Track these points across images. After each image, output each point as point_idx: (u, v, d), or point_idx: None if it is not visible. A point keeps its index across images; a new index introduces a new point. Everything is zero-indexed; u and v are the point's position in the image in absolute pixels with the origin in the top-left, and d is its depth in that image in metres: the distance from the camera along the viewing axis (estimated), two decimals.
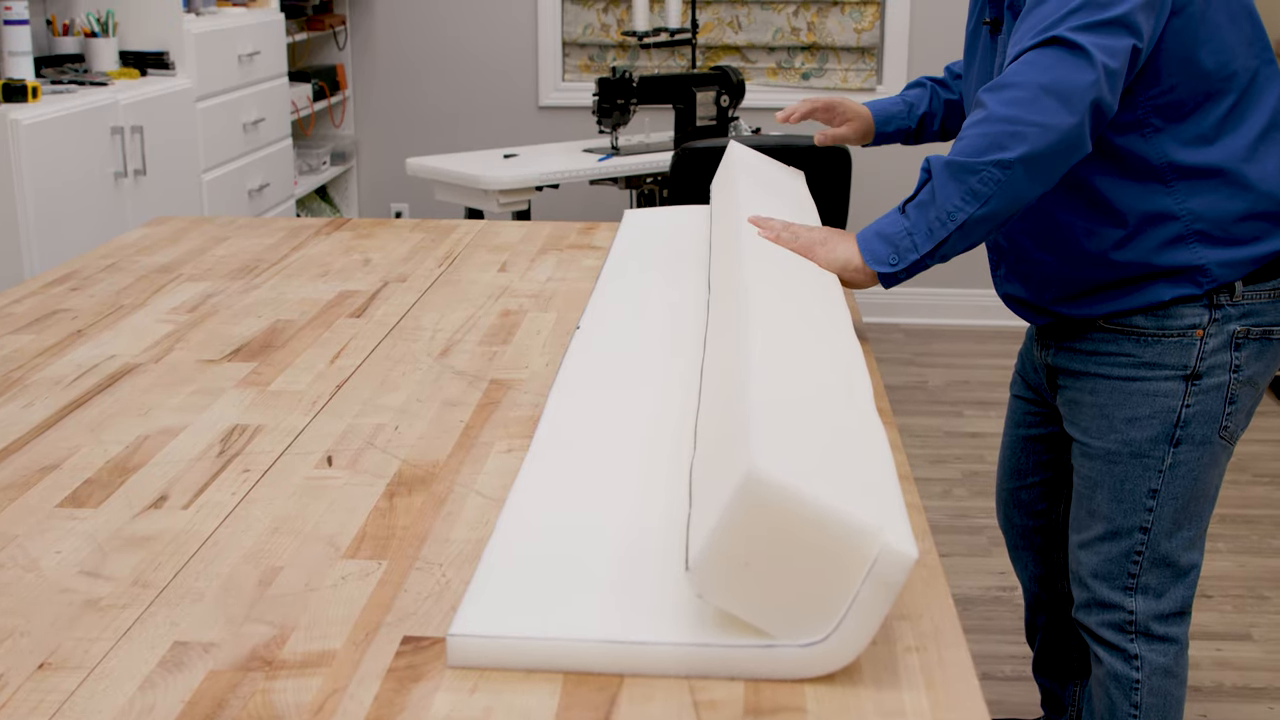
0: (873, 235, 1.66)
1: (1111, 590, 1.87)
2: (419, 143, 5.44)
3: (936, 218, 1.61)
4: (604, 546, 1.15)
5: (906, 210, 1.64)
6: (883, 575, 0.97)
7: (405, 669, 1.01)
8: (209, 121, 4.06)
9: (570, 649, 1.01)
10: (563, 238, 2.37)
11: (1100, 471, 1.85)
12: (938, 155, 1.62)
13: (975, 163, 1.58)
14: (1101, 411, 1.84)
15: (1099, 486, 1.85)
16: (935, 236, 1.61)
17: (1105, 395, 1.83)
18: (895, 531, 0.98)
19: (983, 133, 1.59)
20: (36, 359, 1.70)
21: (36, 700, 0.97)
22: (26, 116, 3.10)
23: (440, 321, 1.86)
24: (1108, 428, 1.83)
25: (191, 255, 2.23)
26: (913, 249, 1.63)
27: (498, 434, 1.46)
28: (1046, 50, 1.59)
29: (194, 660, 1.02)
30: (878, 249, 1.65)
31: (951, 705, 0.98)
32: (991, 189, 1.59)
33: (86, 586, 1.14)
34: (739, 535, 0.98)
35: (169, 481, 1.34)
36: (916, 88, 2.16)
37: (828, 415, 1.17)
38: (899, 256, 1.64)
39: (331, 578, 1.15)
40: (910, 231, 1.63)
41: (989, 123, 1.59)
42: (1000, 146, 1.58)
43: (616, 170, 4.43)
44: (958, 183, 1.59)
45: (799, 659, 0.99)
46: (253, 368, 1.67)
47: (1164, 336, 1.78)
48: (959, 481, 3.74)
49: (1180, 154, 1.72)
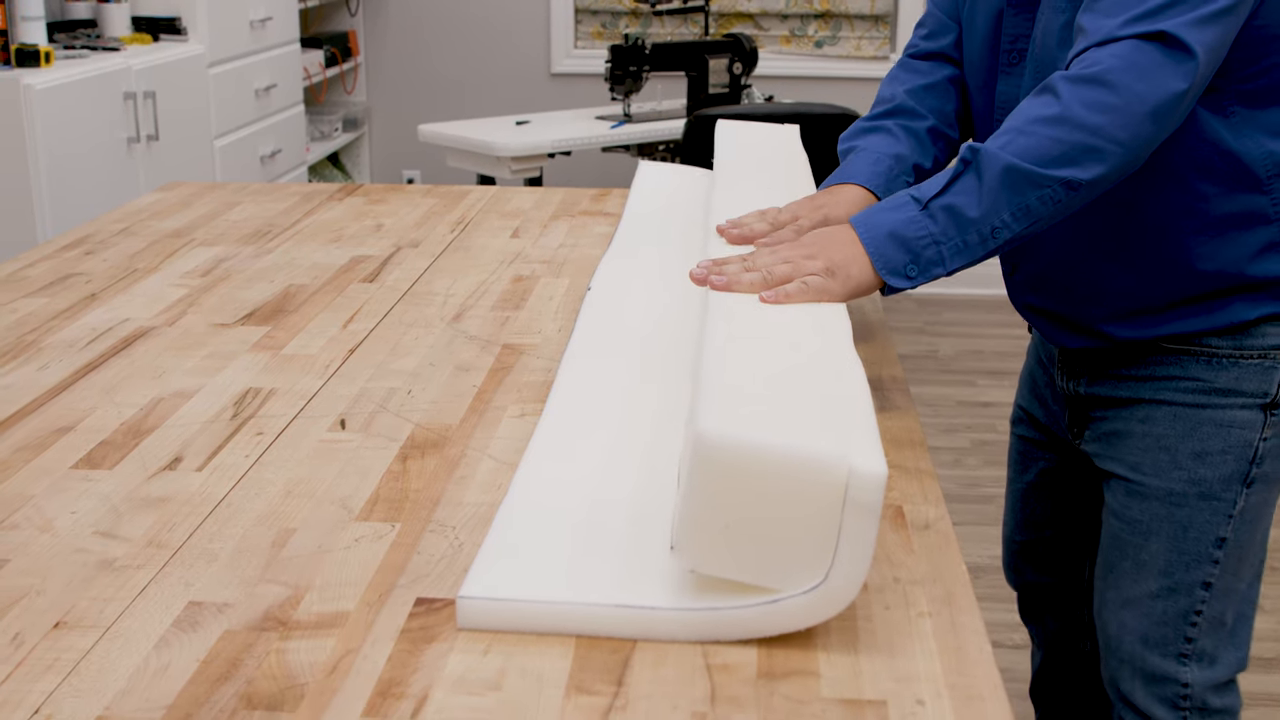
0: (885, 237, 1.31)
1: (1163, 659, 1.56)
2: (431, 109, 5.43)
3: (977, 232, 1.30)
4: (615, 511, 1.15)
5: (931, 209, 1.31)
6: (859, 500, 0.96)
7: (419, 630, 1.02)
8: (221, 87, 4.06)
9: (579, 612, 1.01)
10: (575, 204, 2.36)
11: (1157, 516, 1.54)
12: (988, 148, 1.32)
13: (1042, 175, 1.29)
14: (1160, 444, 1.53)
15: (1153, 534, 1.54)
16: (971, 252, 1.32)
17: (1165, 425, 1.53)
18: (860, 453, 0.98)
19: (1056, 138, 1.29)
20: (51, 322, 1.71)
21: (52, 659, 0.98)
22: (39, 82, 3.10)
23: (453, 287, 1.86)
24: (1170, 463, 1.52)
25: (204, 220, 2.23)
26: (939, 262, 1.31)
27: (510, 398, 1.46)
28: (1148, 47, 1.30)
29: (208, 620, 1.03)
30: (892, 255, 1.31)
31: (964, 670, 0.98)
32: (1049, 210, 1.31)
33: (101, 547, 1.14)
34: (707, 501, 0.98)
35: (183, 444, 1.35)
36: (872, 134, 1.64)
37: (791, 359, 1.16)
38: (919, 269, 1.31)
39: (345, 540, 1.15)
40: (937, 240, 1.31)
41: (1066, 126, 1.29)
42: (1073, 161, 1.29)
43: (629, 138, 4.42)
44: (1013, 194, 1.29)
45: (806, 605, 0.99)
46: (266, 332, 1.67)
47: (1241, 358, 1.50)
48: (970, 451, 3.74)
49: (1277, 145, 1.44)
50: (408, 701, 0.93)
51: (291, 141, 4.64)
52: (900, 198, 1.34)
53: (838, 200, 1.54)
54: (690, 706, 0.93)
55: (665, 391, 1.40)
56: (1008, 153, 1.30)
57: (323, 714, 0.91)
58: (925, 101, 1.67)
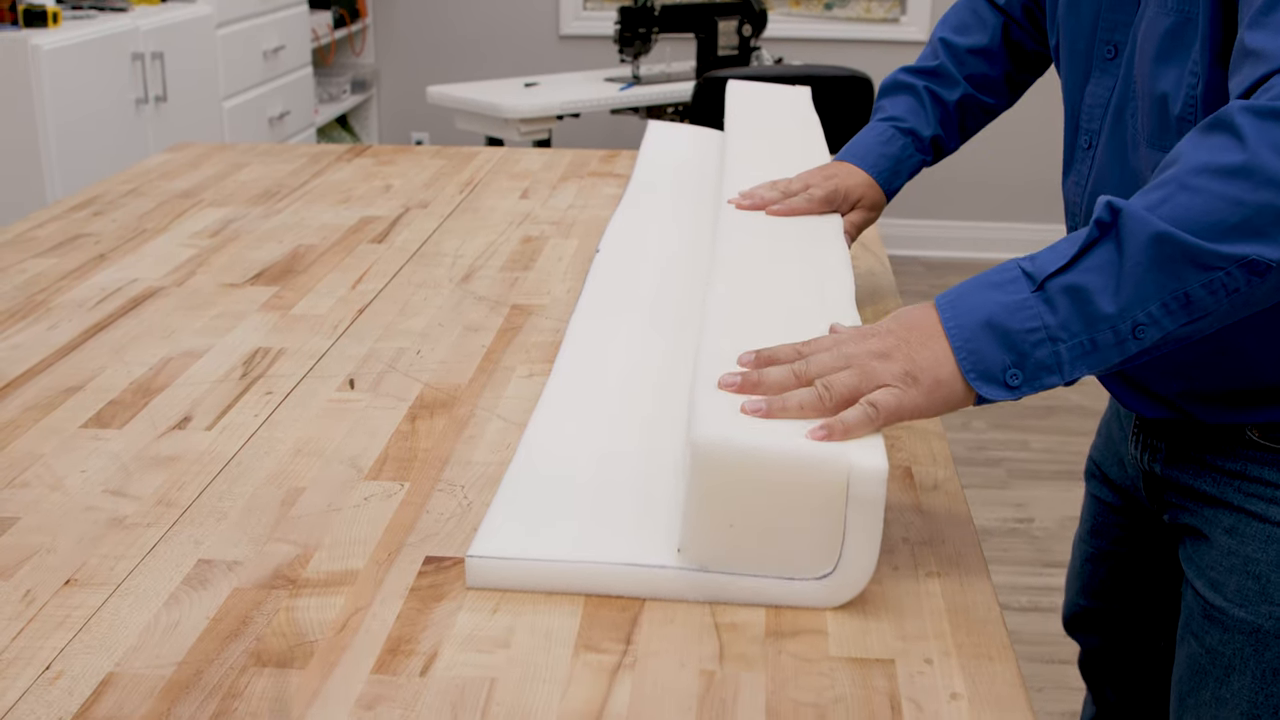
0: (980, 326, 0.97)
1: None
2: (439, 71, 5.41)
3: (1112, 329, 0.95)
4: (623, 472, 1.15)
5: (1049, 290, 0.96)
6: (861, 496, 0.96)
7: (428, 588, 1.02)
8: (229, 48, 4.05)
9: (588, 571, 1.01)
10: (584, 165, 2.36)
11: (1241, 652, 1.23)
12: (1134, 209, 0.95)
13: (1211, 252, 0.92)
14: (1248, 568, 1.21)
15: (1235, 670, 1.23)
16: (1103, 357, 0.96)
17: (1255, 545, 1.21)
18: (860, 449, 0.97)
19: (1235, 198, 0.92)
20: (60, 282, 1.71)
21: (63, 616, 0.98)
22: (47, 42, 3.09)
23: (461, 247, 1.86)
24: (1258, 594, 1.20)
25: (213, 181, 2.23)
26: (1053, 369, 0.97)
27: (519, 359, 1.46)
28: None
29: (218, 578, 1.03)
30: (988, 354, 0.97)
31: (972, 630, 0.98)
32: (1221, 302, 0.94)
33: (112, 505, 1.14)
34: (710, 505, 0.98)
35: (192, 403, 1.35)
36: (902, 93, 1.52)
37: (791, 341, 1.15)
38: (1024, 376, 0.97)
39: (354, 498, 1.16)
40: (1055, 336, 0.96)
41: (1254, 183, 0.92)
42: (1260, 234, 0.92)
43: (637, 100, 4.41)
44: (1167, 277, 0.93)
45: (817, 591, 1.00)
46: (275, 292, 1.67)
47: None
48: (977, 414, 3.73)
49: None
50: (417, 659, 0.93)
51: (300, 103, 4.63)
52: (1008, 268, 0.99)
53: (850, 171, 1.48)
54: (698, 664, 0.93)
55: (674, 353, 1.40)
56: (1161, 216, 0.94)
57: (332, 671, 0.92)
58: (967, 65, 1.52)
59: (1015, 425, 3.66)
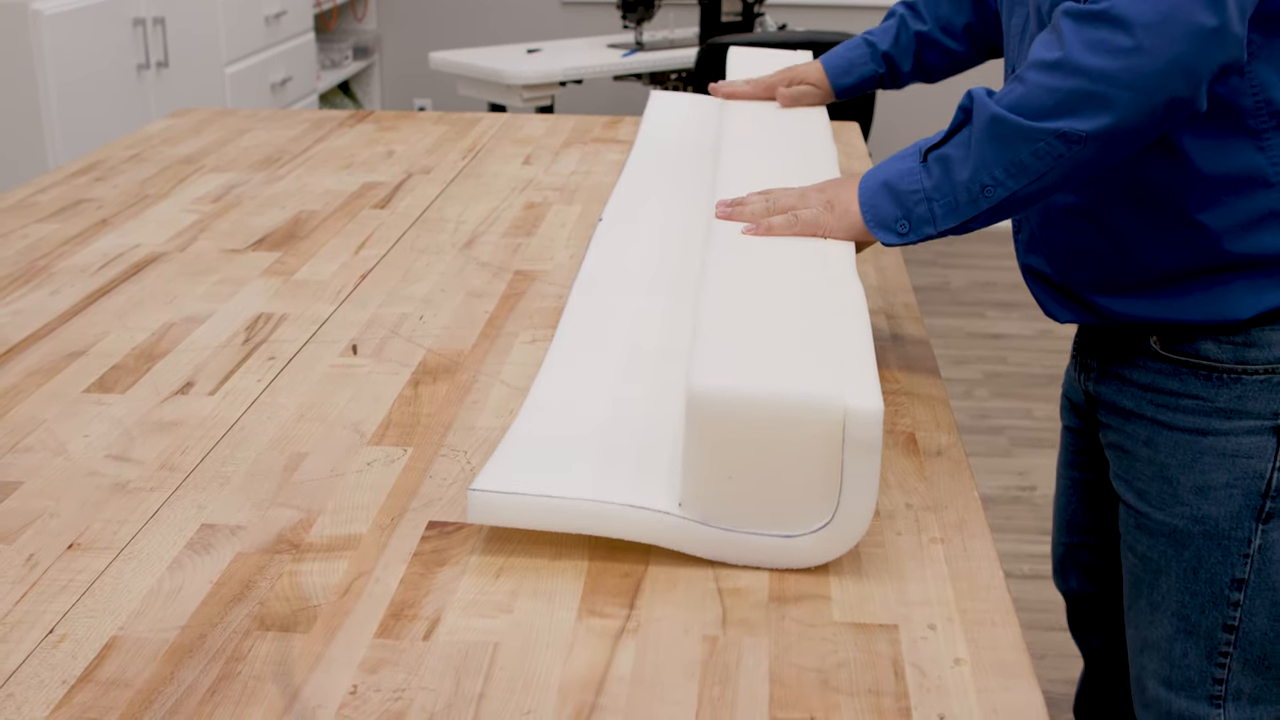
0: (879, 186, 1.24)
1: (1191, 701, 1.37)
2: (442, 37, 5.39)
3: (967, 190, 1.19)
4: (626, 433, 1.15)
5: (929, 160, 1.22)
6: (858, 437, 0.96)
7: (431, 553, 1.02)
8: (230, 13, 4.03)
9: (591, 510, 1.01)
10: (587, 131, 2.35)
11: (1163, 554, 1.36)
12: (983, 92, 1.20)
13: (1032, 128, 1.15)
14: (1161, 473, 1.35)
15: (1162, 573, 1.37)
16: (961, 213, 1.20)
17: (1166, 451, 1.35)
18: (856, 391, 0.98)
19: (1051, 86, 1.14)
20: (62, 247, 1.70)
21: (66, 580, 0.98)
22: (48, 7, 3.08)
23: (464, 213, 1.86)
24: (1171, 496, 1.34)
25: (215, 146, 2.22)
26: (929, 221, 1.21)
27: (522, 324, 1.46)
28: None
29: (221, 542, 1.03)
30: (883, 209, 1.23)
31: (975, 595, 0.98)
32: (1048, 165, 1.16)
33: (115, 470, 1.14)
34: (708, 455, 0.99)
35: (195, 368, 1.35)
36: (889, 18, 1.69)
37: (788, 297, 1.15)
38: (909, 225, 1.22)
39: (357, 464, 1.16)
40: (929, 196, 1.21)
41: (1064, 72, 1.14)
42: (1071, 111, 1.14)
43: (640, 66, 4.39)
44: (1003, 148, 1.16)
45: (816, 543, 0.99)
46: (277, 257, 1.67)
47: (1245, 373, 1.30)
48: (980, 382, 3.73)
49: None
50: (420, 623, 0.93)
51: (302, 69, 4.61)
52: (911, 146, 1.25)
53: (811, 64, 1.75)
54: (701, 630, 0.93)
55: (675, 317, 1.40)
56: (999, 102, 1.17)
57: (335, 635, 0.92)
58: (939, 6, 1.65)
59: (1018, 394, 3.66)
